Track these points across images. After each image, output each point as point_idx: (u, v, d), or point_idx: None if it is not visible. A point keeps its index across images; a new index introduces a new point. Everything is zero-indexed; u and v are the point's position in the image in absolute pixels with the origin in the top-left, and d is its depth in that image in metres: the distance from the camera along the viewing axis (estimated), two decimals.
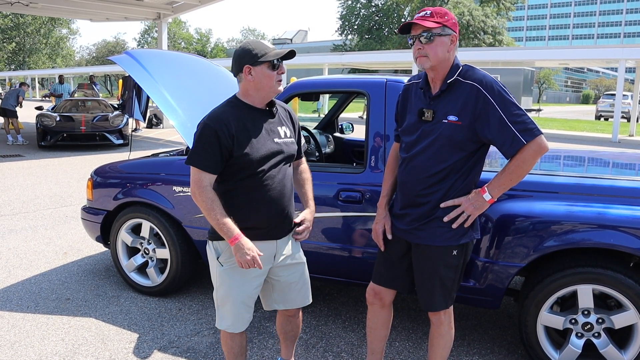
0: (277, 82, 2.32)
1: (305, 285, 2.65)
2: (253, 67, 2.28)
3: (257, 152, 2.30)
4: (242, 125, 2.30)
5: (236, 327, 2.47)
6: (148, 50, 4.50)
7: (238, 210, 2.34)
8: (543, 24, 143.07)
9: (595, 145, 16.26)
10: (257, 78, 2.29)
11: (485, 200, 2.35)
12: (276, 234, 2.45)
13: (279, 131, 2.42)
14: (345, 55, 29.97)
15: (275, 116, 2.44)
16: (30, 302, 4.01)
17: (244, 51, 2.29)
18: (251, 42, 2.32)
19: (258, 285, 2.48)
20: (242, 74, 2.31)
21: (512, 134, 2.24)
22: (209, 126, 2.26)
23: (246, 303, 2.46)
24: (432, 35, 2.27)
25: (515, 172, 2.29)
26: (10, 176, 9.34)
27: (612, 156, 4.25)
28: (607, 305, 2.89)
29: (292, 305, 2.64)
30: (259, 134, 2.33)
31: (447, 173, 2.36)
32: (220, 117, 2.28)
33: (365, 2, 61.67)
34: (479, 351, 3.33)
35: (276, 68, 2.30)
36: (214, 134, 2.24)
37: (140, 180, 4.03)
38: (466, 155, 2.35)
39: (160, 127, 19.71)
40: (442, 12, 2.31)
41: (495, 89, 2.28)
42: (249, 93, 2.36)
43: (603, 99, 32.70)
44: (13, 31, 60.88)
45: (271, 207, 2.38)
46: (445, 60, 2.33)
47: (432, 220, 2.41)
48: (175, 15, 19.53)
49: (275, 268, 2.51)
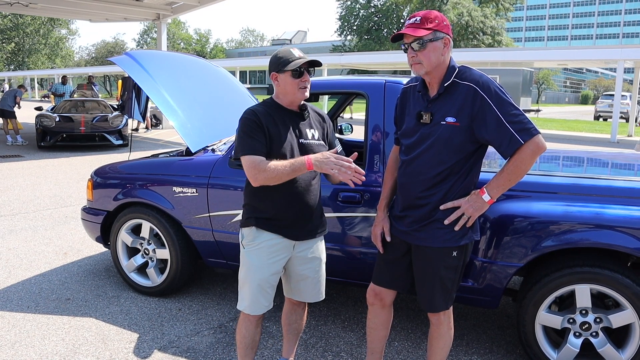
0: (300, 90, 2.44)
1: (320, 282, 2.72)
2: (278, 74, 2.44)
3: (280, 147, 2.41)
4: (270, 120, 2.43)
5: (252, 309, 2.56)
6: (147, 51, 4.51)
7: (260, 199, 2.50)
8: (542, 24, 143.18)
9: (594, 145, 16.28)
10: (282, 84, 2.45)
11: (484, 201, 2.36)
12: (296, 234, 2.54)
13: (306, 132, 2.52)
14: (344, 56, 29.96)
15: (306, 119, 2.55)
16: (30, 302, 4.03)
17: (274, 58, 2.46)
18: (281, 50, 2.48)
19: (275, 271, 2.55)
20: (272, 79, 2.48)
21: (509, 134, 2.25)
22: (247, 118, 2.42)
23: (262, 287, 2.53)
24: (424, 42, 2.29)
25: (514, 172, 2.31)
26: (10, 177, 9.34)
27: (610, 156, 4.27)
28: (605, 304, 2.91)
29: (304, 298, 2.73)
30: (285, 131, 2.45)
31: (447, 175, 2.37)
32: (254, 111, 2.44)
33: (365, 3, 61.70)
34: (477, 351, 3.35)
35: (299, 76, 2.41)
36: (254, 122, 2.40)
37: (140, 180, 4.05)
38: (465, 156, 2.36)
39: (160, 128, 19.72)
40: (431, 16, 2.31)
41: (492, 89, 2.29)
42: (279, 96, 2.51)
43: (602, 100, 32.75)
44: (12, 31, 60.85)
45: (292, 204, 2.48)
46: (440, 64, 2.34)
47: (432, 222, 2.42)
48: (174, 15, 19.53)
49: (293, 259, 2.60)
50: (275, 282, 2.59)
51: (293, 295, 2.75)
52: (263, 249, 2.50)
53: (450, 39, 2.36)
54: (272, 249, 2.51)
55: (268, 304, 2.59)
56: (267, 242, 2.50)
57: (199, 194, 3.75)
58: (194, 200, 3.78)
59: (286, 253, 2.56)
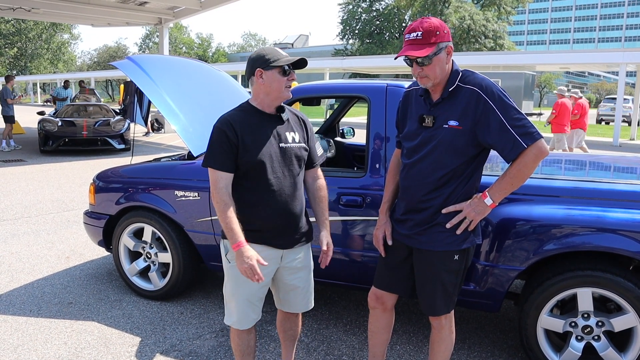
0: (286, 88, 2.41)
1: (309, 292, 2.69)
2: (264, 70, 2.37)
3: (260, 154, 2.37)
4: (247, 127, 2.39)
5: (242, 323, 2.53)
6: (150, 55, 4.53)
7: (245, 210, 2.41)
8: (544, 28, 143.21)
9: (596, 149, 16.26)
10: (267, 81, 2.38)
11: (486, 205, 2.36)
12: (282, 243, 2.49)
13: (286, 136, 2.47)
14: (346, 59, 29.98)
15: (285, 122, 2.50)
16: (33, 306, 4.03)
17: (258, 56, 2.40)
18: (266, 48, 2.45)
19: (265, 285, 2.52)
20: (254, 77, 2.41)
21: (512, 138, 2.25)
22: (217, 128, 2.38)
23: (251, 301, 2.51)
24: (430, 57, 2.27)
25: (517, 177, 2.31)
26: (12, 181, 9.36)
27: (612, 160, 4.27)
28: (607, 308, 2.90)
29: (294, 309, 2.69)
30: (264, 136, 2.40)
31: (449, 178, 2.38)
32: (227, 119, 2.40)
33: (366, 7, 61.77)
34: (479, 354, 3.34)
35: (287, 74, 2.39)
36: (223, 134, 2.35)
37: (142, 184, 4.06)
38: (467, 160, 2.37)
39: (162, 132, 19.75)
40: (432, 28, 2.26)
41: (496, 93, 2.29)
42: (259, 96, 2.44)
43: (604, 103, 32.67)
44: (15, 36, 61.02)
45: (277, 211, 2.43)
46: (445, 71, 2.34)
47: (433, 226, 2.42)
48: (176, 20, 19.62)
49: (282, 270, 2.56)
50: (263, 294, 2.55)
51: (283, 307, 2.71)
52: None
53: (451, 44, 2.35)
54: None
55: (256, 316, 2.57)
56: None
57: (200, 198, 3.76)
58: (196, 204, 3.78)
59: (274, 264, 2.51)
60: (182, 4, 17.17)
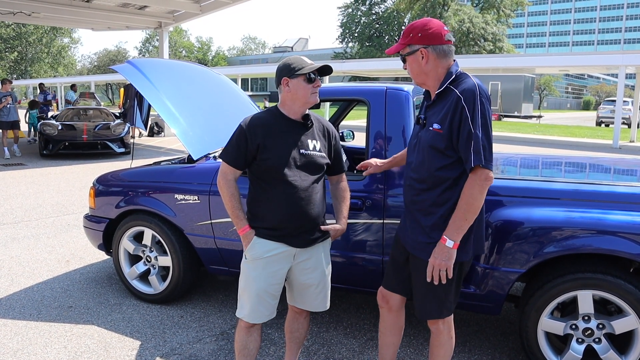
0: (312, 94, 2.49)
1: (324, 291, 2.71)
2: (290, 79, 2.48)
3: (280, 158, 2.46)
4: (270, 131, 2.50)
5: (252, 317, 2.57)
6: (150, 59, 4.53)
7: (260, 208, 2.54)
8: (543, 30, 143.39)
9: (596, 151, 16.27)
10: (293, 89, 2.48)
11: (449, 248, 2.30)
12: (295, 242, 2.54)
13: (308, 143, 2.55)
14: (345, 63, 30.02)
15: (309, 129, 2.57)
16: (32, 309, 4.03)
17: (284, 65, 2.51)
18: (292, 57, 2.54)
19: (276, 282, 2.56)
20: (281, 85, 2.52)
21: (470, 152, 2.23)
22: (242, 129, 2.51)
23: (262, 296, 2.54)
24: (403, 56, 2.41)
25: (468, 210, 2.26)
26: (12, 185, 9.37)
27: (612, 162, 4.27)
28: (608, 310, 2.90)
29: (307, 307, 2.73)
30: (285, 141, 2.49)
31: (433, 183, 2.36)
32: (253, 122, 2.51)
33: (366, 10, 61.93)
34: (479, 357, 3.34)
35: (312, 81, 2.47)
36: (243, 136, 2.49)
37: (142, 188, 4.06)
38: (450, 164, 2.33)
39: (162, 136, 19.76)
40: (407, 30, 2.39)
41: (476, 102, 2.23)
42: (287, 103, 2.54)
43: (604, 105, 32.69)
44: (15, 40, 61.16)
45: (294, 213, 2.49)
46: (426, 73, 2.37)
47: (422, 233, 2.42)
48: (176, 24, 19.62)
49: (295, 268, 2.60)
50: (276, 292, 2.58)
51: (296, 303, 2.74)
52: (262, 260, 2.51)
53: (429, 50, 2.33)
54: (271, 259, 2.51)
55: (269, 313, 2.59)
56: (267, 252, 2.51)
57: (200, 202, 3.76)
58: (196, 208, 3.78)
59: (286, 263, 2.55)
60: (182, 8, 17.19)
